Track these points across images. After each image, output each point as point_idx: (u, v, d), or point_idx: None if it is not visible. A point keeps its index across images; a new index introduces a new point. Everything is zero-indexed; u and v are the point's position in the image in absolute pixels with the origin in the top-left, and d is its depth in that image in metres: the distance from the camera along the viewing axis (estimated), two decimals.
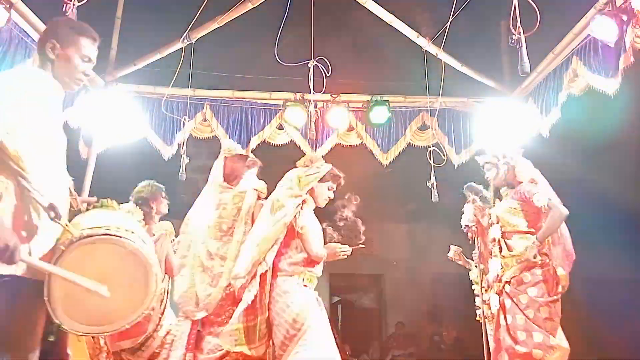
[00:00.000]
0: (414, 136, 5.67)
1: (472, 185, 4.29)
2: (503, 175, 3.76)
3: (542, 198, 3.45)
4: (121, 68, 5.29)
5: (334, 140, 5.63)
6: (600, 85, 3.90)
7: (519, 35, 3.66)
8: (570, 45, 4.31)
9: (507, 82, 5.45)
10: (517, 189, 3.66)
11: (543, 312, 3.38)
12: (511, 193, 3.71)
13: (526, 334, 3.35)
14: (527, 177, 3.69)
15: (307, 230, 3.26)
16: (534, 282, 3.45)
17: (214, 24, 5.15)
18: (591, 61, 4.00)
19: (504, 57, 5.58)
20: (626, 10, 3.55)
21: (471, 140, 5.53)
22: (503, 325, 3.49)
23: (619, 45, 3.61)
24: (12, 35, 3.94)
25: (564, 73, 4.41)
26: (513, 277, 3.50)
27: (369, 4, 5.16)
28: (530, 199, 3.51)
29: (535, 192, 3.50)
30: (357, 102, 5.66)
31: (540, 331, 3.32)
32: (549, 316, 3.37)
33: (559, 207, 3.43)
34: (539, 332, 3.32)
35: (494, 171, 3.82)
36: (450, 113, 5.66)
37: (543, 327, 3.34)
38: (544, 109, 4.73)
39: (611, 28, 3.61)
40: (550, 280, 3.45)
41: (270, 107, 5.61)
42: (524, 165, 3.75)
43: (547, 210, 3.44)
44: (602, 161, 6.13)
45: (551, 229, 3.45)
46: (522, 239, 3.59)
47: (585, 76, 4.09)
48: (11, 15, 3.78)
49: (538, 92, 4.90)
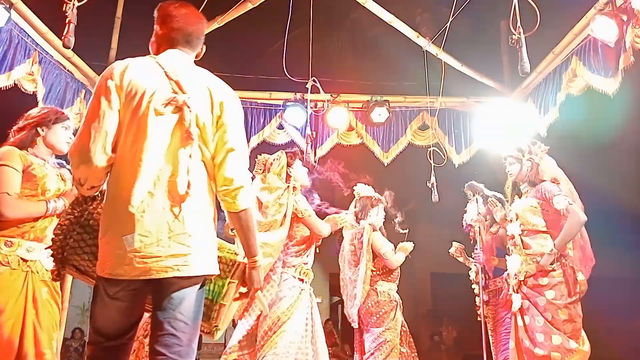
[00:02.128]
0: (414, 136, 5.67)
1: (474, 184, 4.22)
2: (526, 172, 3.60)
3: (562, 201, 3.32)
4: None
5: (334, 140, 5.64)
6: (600, 85, 3.89)
7: (519, 36, 3.67)
8: (570, 45, 4.31)
9: (507, 82, 5.45)
10: (539, 187, 3.52)
11: (562, 314, 3.29)
12: (532, 191, 3.57)
13: (544, 336, 3.27)
14: (550, 177, 3.55)
15: (311, 213, 3.33)
16: (551, 285, 3.35)
17: (214, 24, 5.15)
18: (591, 61, 4.00)
19: (504, 57, 5.57)
20: (626, 10, 3.55)
21: (471, 140, 5.53)
22: (521, 326, 3.41)
23: (619, 45, 3.61)
24: (12, 35, 3.95)
25: (563, 73, 4.41)
26: (529, 278, 3.43)
27: (369, 4, 5.16)
28: (550, 200, 3.39)
29: (556, 194, 3.37)
30: (357, 102, 5.66)
31: (559, 334, 3.24)
32: (568, 318, 3.29)
33: (577, 213, 3.31)
34: (557, 335, 3.24)
35: (516, 166, 3.65)
36: (450, 113, 5.66)
37: (562, 330, 3.26)
38: (543, 109, 4.73)
39: (611, 28, 3.60)
40: (570, 282, 3.34)
41: (270, 107, 5.62)
42: (548, 163, 3.62)
43: (565, 214, 3.32)
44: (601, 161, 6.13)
45: (569, 236, 3.34)
46: (539, 238, 3.48)
47: (584, 76, 4.08)
48: (11, 15, 3.77)
49: (538, 92, 4.90)
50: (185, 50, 1.95)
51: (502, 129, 5.06)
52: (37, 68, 4.23)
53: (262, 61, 5.85)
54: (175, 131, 1.77)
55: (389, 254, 3.88)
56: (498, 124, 5.14)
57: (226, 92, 1.91)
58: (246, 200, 1.84)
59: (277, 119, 5.58)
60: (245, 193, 1.83)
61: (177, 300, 1.71)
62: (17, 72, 4.01)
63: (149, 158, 1.73)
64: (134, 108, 1.76)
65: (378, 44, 6.22)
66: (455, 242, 4.34)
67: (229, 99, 1.88)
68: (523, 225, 3.54)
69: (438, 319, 10.62)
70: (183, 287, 1.72)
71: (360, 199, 4.13)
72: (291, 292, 3.22)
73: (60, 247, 1.90)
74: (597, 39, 3.84)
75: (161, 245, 1.68)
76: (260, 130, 5.53)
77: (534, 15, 3.69)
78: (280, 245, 3.21)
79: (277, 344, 3.05)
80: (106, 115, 1.74)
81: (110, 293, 1.71)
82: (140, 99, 1.76)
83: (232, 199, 1.82)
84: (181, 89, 1.79)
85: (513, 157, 3.68)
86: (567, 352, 3.21)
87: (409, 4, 5.67)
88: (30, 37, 4.15)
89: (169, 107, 1.77)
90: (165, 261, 1.68)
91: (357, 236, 3.95)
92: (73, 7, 3.64)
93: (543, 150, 3.65)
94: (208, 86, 1.86)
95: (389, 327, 3.79)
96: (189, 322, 1.73)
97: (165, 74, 1.82)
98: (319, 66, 5.38)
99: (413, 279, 9.49)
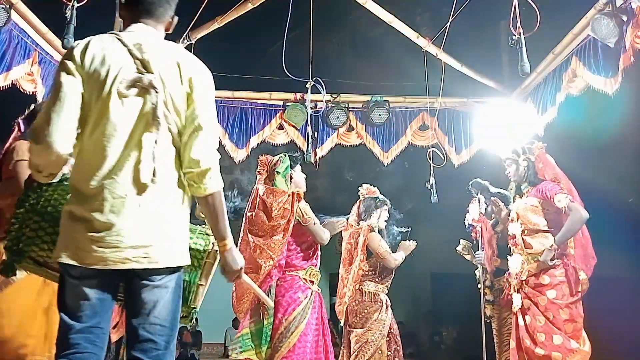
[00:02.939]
0: (414, 136, 5.67)
1: (478, 181, 4.18)
2: (523, 172, 3.63)
3: (563, 199, 3.32)
4: None
5: (334, 140, 5.63)
6: (600, 86, 3.89)
7: (519, 36, 3.67)
8: (570, 45, 4.30)
9: (507, 83, 5.45)
10: (539, 186, 3.53)
11: (563, 314, 3.28)
12: (532, 190, 3.58)
13: (545, 335, 3.26)
14: (550, 175, 3.55)
15: (315, 221, 3.37)
16: (553, 285, 3.35)
17: (214, 24, 5.15)
18: (591, 61, 3.99)
19: (504, 57, 5.58)
20: (626, 11, 3.55)
21: (471, 140, 5.53)
22: (522, 326, 3.40)
23: (619, 45, 3.60)
24: (12, 35, 3.94)
25: (563, 73, 4.40)
26: (530, 277, 3.42)
27: (369, 4, 5.16)
28: (551, 199, 3.39)
29: (557, 192, 3.37)
30: (357, 102, 5.66)
31: (560, 334, 3.23)
32: (569, 318, 3.28)
33: (579, 210, 3.31)
34: (558, 335, 3.23)
35: (513, 167, 3.70)
36: (450, 113, 5.66)
37: (563, 330, 3.25)
38: (542, 109, 4.73)
39: (611, 28, 3.60)
40: (571, 281, 3.34)
41: (270, 107, 5.62)
42: (547, 162, 3.61)
43: (567, 212, 3.33)
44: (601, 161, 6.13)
45: (570, 232, 3.33)
46: (540, 237, 3.47)
47: (584, 76, 4.08)
48: (11, 15, 3.77)
49: (537, 92, 4.90)
50: (149, 22, 1.76)
51: (502, 129, 5.06)
52: (37, 68, 4.23)
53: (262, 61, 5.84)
54: (141, 115, 1.63)
55: (386, 254, 3.88)
56: (498, 124, 5.14)
57: (196, 66, 1.75)
58: (214, 184, 1.70)
59: (277, 119, 5.58)
60: (212, 176, 1.68)
61: (150, 304, 1.63)
62: (17, 72, 4.01)
63: (111, 144, 1.60)
64: (97, 90, 1.62)
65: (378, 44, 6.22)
66: (462, 240, 4.29)
67: (198, 74, 1.73)
68: (524, 224, 3.54)
69: (438, 319, 10.63)
70: (155, 287, 1.63)
71: (364, 200, 4.13)
72: (304, 294, 3.29)
73: (16, 238, 1.76)
74: (597, 39, 3.84)
75: (121, 235, 1.58)
76: (260, 130, 5.52)
77: (534, 15, 3.69)
78: (281, 249, 3.25)
79: (294, 344, 3.13)
80: (67, 98, 1.60)
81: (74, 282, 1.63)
82: (104, 81, 1.62)
83: (198, 182, 1.68)
84: (147, 69, 1.65)
85: (510, 159, 3.73)
86: (568, 352, 3.20)
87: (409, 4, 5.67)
88: (30, 38, 4.15)
89: (133, 89, 1.63)
90: (125, 252, 1.58)
91: (354, 236, 3.95)
92: (73, 7, 3.64)
93: (540, 148, 3.65)
94: (177, 61, 1.70)
95: (370, 328, 3.78)
96: (166, 323, 1.65)
97: (129, 51, 1.65)
98: (319, 66, 5.38)
99: (413, 279, 9.48)
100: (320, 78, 5.35)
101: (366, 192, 4.17)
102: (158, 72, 1.65)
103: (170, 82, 1.67)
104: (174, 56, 1.71)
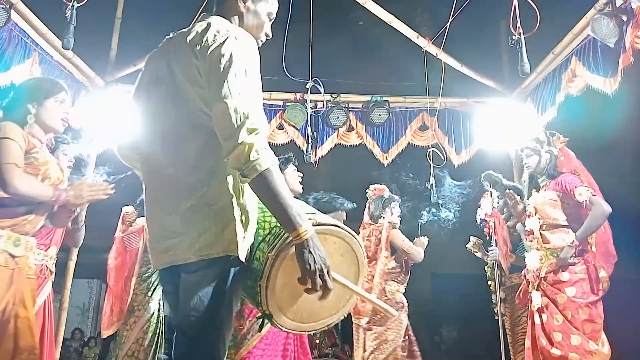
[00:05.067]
0: (414, 136, 5.67)
1: (491, 174, 4.03)
2: (545, 164, 3.48)
3: (585, 192, 3.17)
4: (121, 68, 5.28)
5: (334, 140, 5.63)
6: (600, 86, 3.89)
7: (519, 36, 3.67)
8: (570, 45, 4.31)
9: (507, 83, 5.45)
10: (558, 179, 3.37)
11: (583, 314, 3.11)
12: (551, 184, 3.42)
13: (562, 335, 3.10)
14: (570, 168, 3.42)
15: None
16: (573, 282, 3.18)
17: None
18: (590, 61, 4.00)
19: (504, 57, 5.58)
20: (626, 11, 3.55)
21: (471, 141, 5.53)
22: (538, 324, 3.24)
23: (619, 45, 3.60)
24: (12, 35, 3.94)
25: (563, 73, 4.41)
26: (549, 273, 3.27)
27: (369, 4, 5.16)
28: (572, 192, 3.24)
29: (577, 185, 3.23)
30: (357, 102, 5.66)
31: (579, 334, 3.07)
32: (588, 318, 3.11)
33: (601, 204, 3.15)
34: (577, 335, 3.06)
35: (534, 158, 3.52)
36: (450, 113, 5.66)
37: (582, 330, 3.08)
38: (542, 109, 4.73)
39: (611, 28, 3.60)
40: (592, 279, 3.19)
41: (270, 107, 5.61)
42: (568, 155, 3.50)
43: (588, 206, 3.17)
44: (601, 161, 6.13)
45: (592, 228, 3.18)
46: (560, 232, 3.33)
47: (584, 76, 4.08)
48: (11, 15, 3.77)
49: (537, 92, 4.90)
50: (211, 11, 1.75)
51: (502, 129, 5.07)
52: (37, 69, 4.23)
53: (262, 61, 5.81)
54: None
55: (411, 249, 3.86)
56: (498, 124, 5.14)
57: (203, 31, 1.52)
58: (253, 164, 1.35)
59: (277, 119, 5.58)
60: (249, 153, 1.35)
61: (183, 297, 1.51)
62: (17, 72, 4.01)
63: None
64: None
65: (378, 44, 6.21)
66: (472, 237, 4.18)
67: (204, 40, 1.49)
68: (542, 219, 3.39)
69: (438, 319, 10.62)
70: (186, 281, 1.51)
71: (373, 200, 4.11)
72: None
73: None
74: (596, 39, 3.84)
75: (161, 233, 1.57)
76: None
77: (534, 15, 3.69)
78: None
79: (254, 346, 3.06)
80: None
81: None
82: None
83: (236, 165, 1.38)
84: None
85: (530, 149, 3.54)
86: (585, 354, 3.02)
87: (409, 4, 5.66)
88: (30, 38, 4.14)
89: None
90: (162, 244, 1.54)
91: (375, 233, 3.91)
92: (73, 7, 3.65)
93: (562, 141, 3.54)
94: (187, 37, 1.56)
95: (390, 327, 3.77)
96: (197, 314, 1.46)
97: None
98: (319, 66, 5.38)
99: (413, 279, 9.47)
100: (320, 78, 5.35)
101: (373, 193, 4.16)
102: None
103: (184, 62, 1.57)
104: (189, 32, 1.61)
